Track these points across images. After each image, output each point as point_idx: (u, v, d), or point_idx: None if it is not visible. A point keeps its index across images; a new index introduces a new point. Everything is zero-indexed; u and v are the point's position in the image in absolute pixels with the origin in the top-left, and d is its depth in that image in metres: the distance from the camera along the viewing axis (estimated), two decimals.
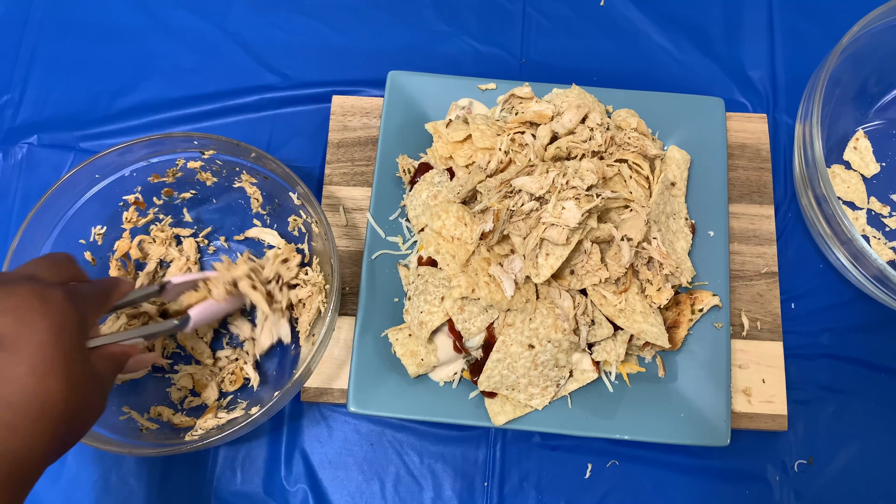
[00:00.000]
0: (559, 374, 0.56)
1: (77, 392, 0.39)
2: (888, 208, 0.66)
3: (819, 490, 0.59)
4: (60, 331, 0.38)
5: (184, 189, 0.64)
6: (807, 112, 0.58)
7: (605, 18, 0.74)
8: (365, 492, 0.60)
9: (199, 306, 0.54)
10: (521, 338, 0.54)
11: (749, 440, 0.60)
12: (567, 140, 0.59)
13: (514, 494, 0.59)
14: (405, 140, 0.64)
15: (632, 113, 0.63)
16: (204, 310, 0.55)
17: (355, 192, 0.65)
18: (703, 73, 0.71)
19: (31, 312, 0.38)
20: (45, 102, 0.71)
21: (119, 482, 0.60)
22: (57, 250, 0.58)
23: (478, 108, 0.64)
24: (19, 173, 0.69)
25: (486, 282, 0.54)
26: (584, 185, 0.53)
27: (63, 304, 0.39)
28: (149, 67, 0.72)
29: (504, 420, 0.56)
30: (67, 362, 0.38)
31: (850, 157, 0.67)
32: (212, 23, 0.74)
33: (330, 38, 0.73)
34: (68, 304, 0.40)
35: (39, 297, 0.39)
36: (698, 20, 0.73)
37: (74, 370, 0.39)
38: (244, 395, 0.60)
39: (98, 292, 0.45)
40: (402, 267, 0.61)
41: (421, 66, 0.71)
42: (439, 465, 0.60)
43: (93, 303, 0.44)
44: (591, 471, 0.60)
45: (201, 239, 0.65)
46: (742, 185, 0.66)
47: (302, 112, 0.70)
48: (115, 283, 0.48)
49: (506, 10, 0.74)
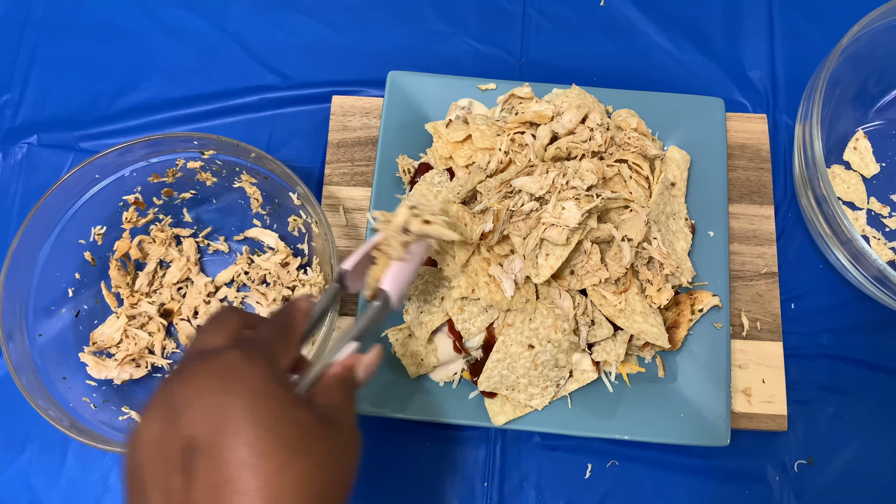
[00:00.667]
0: (559, 374, 0.56)
1: (315, 454, 0.32)
2: (888, 209, 0.66)
3: (819, 490, 0.59)
4: (259, 409, 0.32)
5: (184, 189, 0.64)
6: (807, 112, 0.58)
7: (605, 18, 0.74)
8: (365, 492, 0.60)
9: (388, 275, 0.47)
10: (520, 338, 0.54)
11: (749, 440, 0.60)
12: (567, 140, 0.59)
13: (514, 494, 0.59)
14: (405, 140, 0.64)
15: (632, 113, 0.63)
16: (396, 276, 0.47)
17: (355, 192, 0.65)
18: (703, 73, 0.71)
19: (221, 409, 0.32)
20: (44, 102, 0.71)
21: (119, 482, 0.60)
22: (57, 250, 0.58)
23: (478, 108, 0.64)
24: (19, 173, 0.69)
25: (486, 282, 0.54)
26: (584, 185, 0.53)
27: (250, 377, 0.33)
28: (149, 67, 0.72)
29: (504, 420, 0.56)
30: (286, 438, 0.31)
31: (850, 158, 0.67)
32: (212, 23, 0.74)
33: (330, 38, 0.73)
34: (255, 370, 0.33)
35: (222, 388, 0.32)
36: (698, 20, 0.73)
37: (297, 435, 0.32)
38: None
39: (280, 328, 0.39)
40: None
41: (421, 66, 0.71)
42: (439, 465, 0.60)
43: (278, 342, 0.38)
44: (590, 471, 0.60)
45: (201, 239, 0.65)
46: (742, 185, 0.66)
47: (302, 112, 0.70)
48: (293, 308, 0.42)
49: (506, 10, 0.74)
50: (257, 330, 0.38)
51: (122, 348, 0.60)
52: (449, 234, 0.49)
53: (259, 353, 0.35)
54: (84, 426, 0.53)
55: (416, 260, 0.49)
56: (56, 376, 0.56)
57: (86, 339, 0.60)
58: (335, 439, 0.34)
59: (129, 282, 0.62)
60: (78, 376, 0.58)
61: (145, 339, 0.60)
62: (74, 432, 0.51)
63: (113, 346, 0.60)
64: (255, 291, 0.62)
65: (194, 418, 0.31)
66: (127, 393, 0.59)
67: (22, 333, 0.55)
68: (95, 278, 0.61)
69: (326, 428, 0.34)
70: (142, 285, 0.62)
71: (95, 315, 0.61)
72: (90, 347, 0.59)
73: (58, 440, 0.61)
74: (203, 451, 0.31)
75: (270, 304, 0.61)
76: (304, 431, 0.33)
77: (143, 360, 0.60)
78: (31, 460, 0.61)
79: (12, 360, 0.53)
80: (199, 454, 0.31)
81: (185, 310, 0.62)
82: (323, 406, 0.36)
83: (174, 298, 0.63)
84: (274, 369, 0.35)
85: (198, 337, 0.38)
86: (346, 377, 0.39)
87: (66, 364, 0.58)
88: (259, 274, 0.63)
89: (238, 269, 0.63)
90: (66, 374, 0.57)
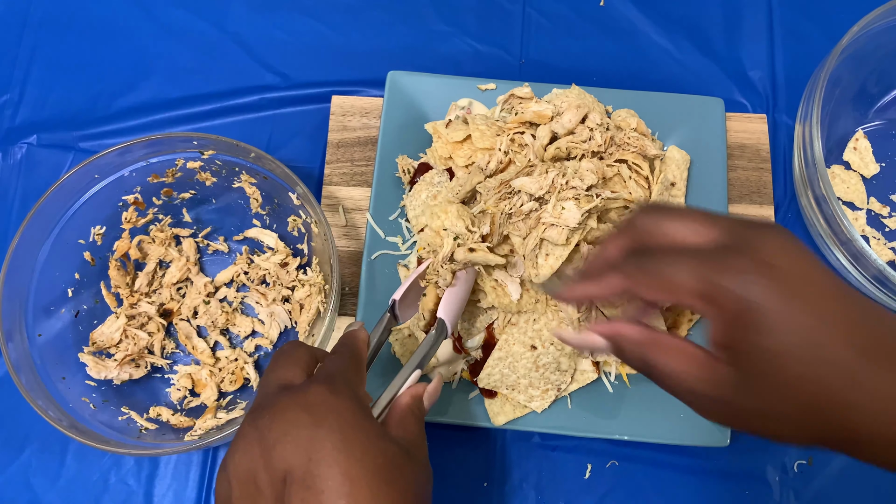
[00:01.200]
0: (560, 378, 0.56)
1: (402, 484, 0.34)
2: (888, 209, 0.66)
3: (819, 490, 0.59)
4: (350, 442, 0.33)
5: (183, 189, 0.64)
6: (806, 112, 0.58)
7: (604, 18, 0.74)
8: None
9: (442, 303, 0.50)
10: (523, 338, 0.54)
11: (749, 441, 0.60)
12: (567, 140, 0.59)
13: (514, 495, 0.59)
14: (405, 140, 0.64)
15: (631, 113, 0.63)
16: (449, 303, 0.50)
17: (355, 193, 0.65)
18: (703, 73, 0.71)
19: (314, 442, 0.33)
20: (44, 102, 0.71)
21: (118, 482, 0.60)
22: (56, 250, 0.58)
23: (477, 108, 0.64)
24: (19, 173, 0.69)
25: (493, 286, 0.54)
26: (583, 185, 0.53)
27: (339, 411, 0.34)
28: (148, 67, 0.72)
29: (504, 420, 0.56)
30: (376, 469, 0.33)
31: (850, 158, 0.67)
32: (211, 23, 0.74)
33: (330, 38, 0.73)
34: (343, 404, 0.35)
35: (314, 423, 0.33)
36: (698, 20, 0.73)
37: (385, 466, 0.34)
38: (244, 395, 0.60)
39: (350, 360, 0.40)
40: (402, 267, 0.61)
41: (421, 66, 0.71)
42: (439, 465, 0.60)
43: (354, 375, 0.39)
44: (590, 471, 0.60)
45: (200, 239, 0.65)
46: (742, 185, 0.66)
47: (301, 112, 0.70)
48: (354, 339, 0.43)
49: (506, 10, 0.74)
50: (331, 363, 0.39)
51: (122, 348, 0.60)
52: (493, 258, 0.51)
53: (343, 386, 0.36)
54: (84, 426, 0.53)
55: (466, 286, 0.52)
56: (55, 376, 0.56)
57: (85, 340, 0.60)
58: (415, 470, 0.36)
59: (129, 282, 0.62)
60: (77, 376, 0.58)
61: (145, 339, 0.60)
62: (74, 432, 0.51)
63: (112, 346, 0.60)
64: (254, 291, 0.62)
65: (288, 451, 0.33)
66: (126, 393, 0.59)
67: (21, 333, 0.55)
68: (95, 278, 0.61)
69: (408, 459, 0.36)
70: (141, 285, 0.62)
71: (95, 315, 0.61)
72: (90, 347, 0.59)
73: (57, 440, 0.61)
74: (298, 482, 0.32)
75: (270, 304, 0.61)
76: (391, 462, 0.34)
77: (143, 360, 0.60)
78: (31, 460, 0.61)
79: (12, 360, 0.53)
80: (295, 485, 0.32)
81: (185, 310, 0.62)
82: (401, 438, 0.38)
83: (174, 298, 0.63)
84: (359, 402, 0.36)
85: (273, 371, 0.39)
86: (416, 407, 0.41)
87: (66, 364, 0.58)
88: (258, 274, 0.63)
89: (237, 269, 0.63)
90: (65, 375, 0.57)
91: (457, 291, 0.51)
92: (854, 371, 0.29)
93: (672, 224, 0.34)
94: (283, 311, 0.61)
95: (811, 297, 0.30)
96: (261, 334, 0.62)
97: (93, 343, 0.60)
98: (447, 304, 0.50)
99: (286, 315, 0.62)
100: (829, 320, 0.30)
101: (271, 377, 0.39)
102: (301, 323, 0.60)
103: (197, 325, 0.62)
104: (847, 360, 0.29)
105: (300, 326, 0.60)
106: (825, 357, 0.29)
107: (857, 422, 0.29)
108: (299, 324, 0.60)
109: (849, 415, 0.29)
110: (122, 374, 0.59)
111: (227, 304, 0.63)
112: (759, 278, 0.30)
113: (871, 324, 0.30)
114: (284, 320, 0.62)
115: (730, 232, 0.33)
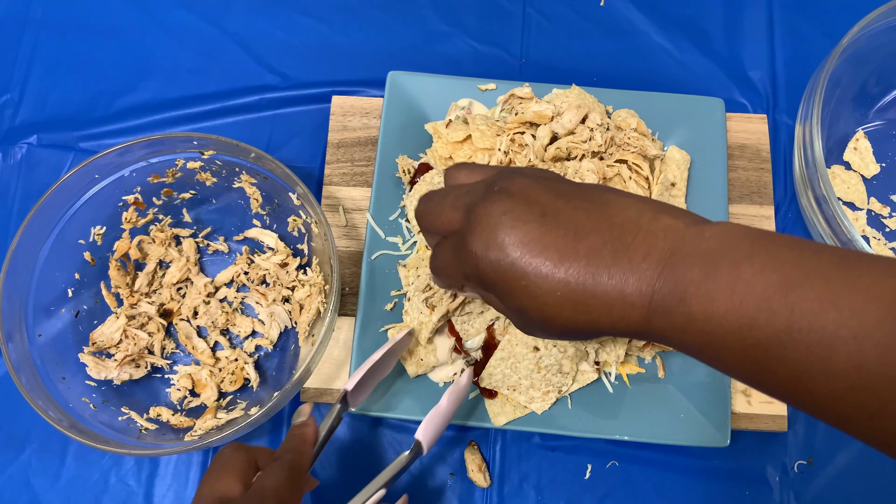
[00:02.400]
0: (562, 380, 0.56)
1: None
2: (888, 209, 0.66)
3: (819, 491, 0.59)
4: None
5: (183, 189, 0.64)
6: (807, 112, 0.58)
7: (605, 19, 0.74)
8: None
9: (423, 424, 0.49)
10: (526, 338, 0.54)
11: (749, 441, 0.60)
12: (567, 140, 0.59)
13: (514, 495, 0.59)
14: (405, 140, 0.64)
15: (632, 113, 0.63)
16: (430, 424, 0.49)
17: (355, 193, 0.65)
18: (703, 73, 0.71)
19: None
20: (44, 102, 0.71)
21: (118, 482, 0.60)
22: (56, 250, 0.58)
23: (477, 108, 0.64)
24: (19, 173, 0.69)
25: None
26: None
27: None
28: (149, 67, 0.72)
29: (504, 421, 0.56)
30: None
31: (850, 158, 0.67)
32: (212, 23, 0.74)
33: (330, 38, 0.73)
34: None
35: None
36: (698, 20, 0.73)
37: None
38: (244, 395, 0.60)
39: (289, 473, 0.41)
40: (402, 267, 0.61)
41: (421, 67, 0.71)
42: (438, 465, 0.60)
43: (289, 492, 0.40)
44: (591, 471, 0.60)
45: (201, 239, 0.65)
46: (742, 185, 0.66)
47: (302, 112, 0.70)
48: (300, 442, 0.44)
49: (506, 10, 0.74)
50: (268, 478, 0.40)
51: (122, 348, 0.60)
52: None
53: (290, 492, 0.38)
54: (84, 426, 0.53)
55: (452, 407, 0.50)
56: (56, 376, 0.56)
57: (85, 340, 0.60)
58: None
59: (129, 282, 0.62)
60: (77, 377, 0.58)
61: (145, 339, 0.60)
62: (74, 433, 0.51)
63: (112, 346, 0.60)
64: (254, 292, 0.62)
65: None
66: (127, 393, 0.59)
67: (21, 334, 0.55)
68: (95, 278, 0.61)
69: None
70: (141, 285, 0.62)
71: (95, 315, 0.61)
72: (90, 348, 0.59)
73: (58, 440, 0.61)
74: None
75: (270, 305, 0.61)
76: None
77: (143, 361, 0.60)
78: (31, 460, 0.61)
79: (12, 361, 0.53)
80: None
81: (185, 310, 0.62)
82: None
83: (174, 298, 0.63)
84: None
85: (208, 482, 0.40)
86: None
87: (66, 364, 0.58)
88: (259, 274, 0.63)
89: (238, 270, 0.63)
90: (65, 375, 0.57)
91: (442, 412, 0.50)
92: None
93: (459, 174, 0.42)
94: (284, 312, 0.61)
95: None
96: (261, 334, 0.62)
97: (93, 343, 0.60)
98: (428, 425, 0.48)
99: (286, 315, 0.62)
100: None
101: (206, 489, 0.39)
102: (301, 323, 0.60)
103: (197, 326, 0.62)
104: None
105: (300, 327, 0.60)
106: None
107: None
108: (299, 324, 0.60)
109: None
110: (123, 375, 0.59)
111: (228, 304, 0.63)
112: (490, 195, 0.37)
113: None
114: (284, 320, 0.62)
115: (493, 175, 0.40)
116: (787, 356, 0.28)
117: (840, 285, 0.27)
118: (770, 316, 0.28)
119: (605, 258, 0.32)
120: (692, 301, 0.30)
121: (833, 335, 0.27)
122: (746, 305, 0.29)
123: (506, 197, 0.35)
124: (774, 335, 0.28)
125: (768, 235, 0.31)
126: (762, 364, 0.29)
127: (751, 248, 0.30)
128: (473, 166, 0.42)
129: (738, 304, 0.29)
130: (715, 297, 0.30)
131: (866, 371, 0.26)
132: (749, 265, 0.29)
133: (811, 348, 0.27)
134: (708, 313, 0.30)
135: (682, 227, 0.33)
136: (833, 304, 0.27)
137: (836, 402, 0.27)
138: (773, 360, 0.28)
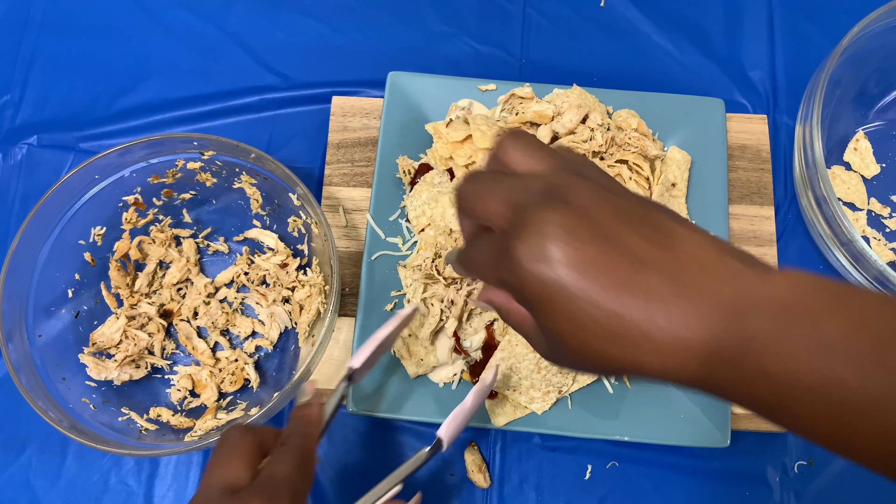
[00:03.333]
0: (562, 380, 0.56)
1: None
2: (888, 209, 0.66)
3: (819, 491, 0.59)
4: None
5: (183, 190, 0.64)
6: (807, 113, 0.58)
7: (605, 19, 0.74)
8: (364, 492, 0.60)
9: (447, 422, 0.48)
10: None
11: (749, 441, 0.60)
12: (568, 140, 0.59)
13: (514, 495, 0.59)
14: (405, 141, 0.64)
15: (632, 113, 0.63)
16: (452, 423, 0.48)
17: (355, 193, 0.65)
18: (704, 73, 0.71)
19: None
20: (44, 103, 0.71)
21: (119, 483, 0.60)
22: (56, 251, 0.58)
23: (478, 108, 0.64)
24: (19, 174, 0.69)
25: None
26: None
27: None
28: (149, 67, 0.72)
29: (504, 421, 0.56)
30: None
31: (851, 159, 0.67)
32: (212, 23, 0.74)
33: (330, 39, 0.73)
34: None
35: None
36: (698, 21, 0.73)
37: None
38: (244, 395, 0.60)
39: (299, 459, 0.40)
40: (402, 268, 0.61)
41: (421, 67, 0.71)
42: (438, 465, 0.60)
43: (301, 479, 0.39)
44: (591, 472, 0.60)
45: (201, 240, 0.65)
46: (742, 185, 0.66)
47: (302, 113, 0.70)
48: (306, 424, 0.43)
49: (506, 10, 0.74)
50: (278, 464, 0.39)
51: (122, 349, 0.60)
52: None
53: (285, 497, 0.36)
54: (84, 427, 0.53)
55: (475, 407, 0.50)
56: (56, 377, 0.56)
57: (85, 340, 0.60)
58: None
59: (129, 282, 0.62)
60: (78, 377, 0.58)
61: (145, 339, 0.60)
62: (74, 433, 0.51)
63: (112, 346, 0.60)
64: (254, 292, 0.62)
65: None
66: (127, 394, 0.59)
67: (22, 334, 0.55)
68: (95, 279, 0.61)
69: None
70: (141, 286, 0.62)
71: (95, 316, 0.61)
72: (90, 348, 0.59)
73: (58, 441, 0.61)
74: None
75: (270, 305, 0.61)
76: None
77: (143, 361, 0.60)
78: (31, 461, 0.61)
79: (12, 361, 0.53)
80: None
81: (185, 310, 0.62)
82: None
83: (174, 299, 0.63)
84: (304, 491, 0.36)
85: (215, 467, 0.39)
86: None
87: (66, 365, 0.58)
88: (259, 274, 0.63)
89: (238, 270, 0.63)
90: (65, 375, 0.57)
91: (466, 410, 0.49)
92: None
93: (514, 153, 0.35)
94: (284, 312, 0.61)
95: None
96: (261, 335, 0.62)
97: (93, 344, 0.60)
98: (451, 423, 0.48)
99: (286, 316, 0.62)
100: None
101: (213, 476, 0.38)
102: (301, 324, 0.60)
103: (197, 326, 0.62)
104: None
105: (300, 327, 0.60)
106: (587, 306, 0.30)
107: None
108: (299, 324, 0.60)
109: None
110: (123, 375, 0.59)
111: (228, 304, 0.63)
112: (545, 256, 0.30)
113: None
114: (285, 321, 0.62)
115: (552, 169, 0.34)
116: (881, 420, 0.26)
117: None
118: (862, 377, 0.26)
119: (663, 296, 0.29)
120: (766, 355, 0.28)
121: None
122: (833, 365, 0.27)
123: (564, 206, 0.31)
124: (868, 397, 0.26)
125: (844, 287, 0.29)
126: (848, 426, 0.27)
127: (830, 302, 0.28)
128: (529, 145, 0.35)
129: (822, 363, 0.27)
130: (793, 353, 0.27)
131: None
132: (831, 320, 0.27)
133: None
134: (785, 370, 0.27)
135: (745, 271, 0.30)
136: None
137: None
138: (860, 420, 0.26)
